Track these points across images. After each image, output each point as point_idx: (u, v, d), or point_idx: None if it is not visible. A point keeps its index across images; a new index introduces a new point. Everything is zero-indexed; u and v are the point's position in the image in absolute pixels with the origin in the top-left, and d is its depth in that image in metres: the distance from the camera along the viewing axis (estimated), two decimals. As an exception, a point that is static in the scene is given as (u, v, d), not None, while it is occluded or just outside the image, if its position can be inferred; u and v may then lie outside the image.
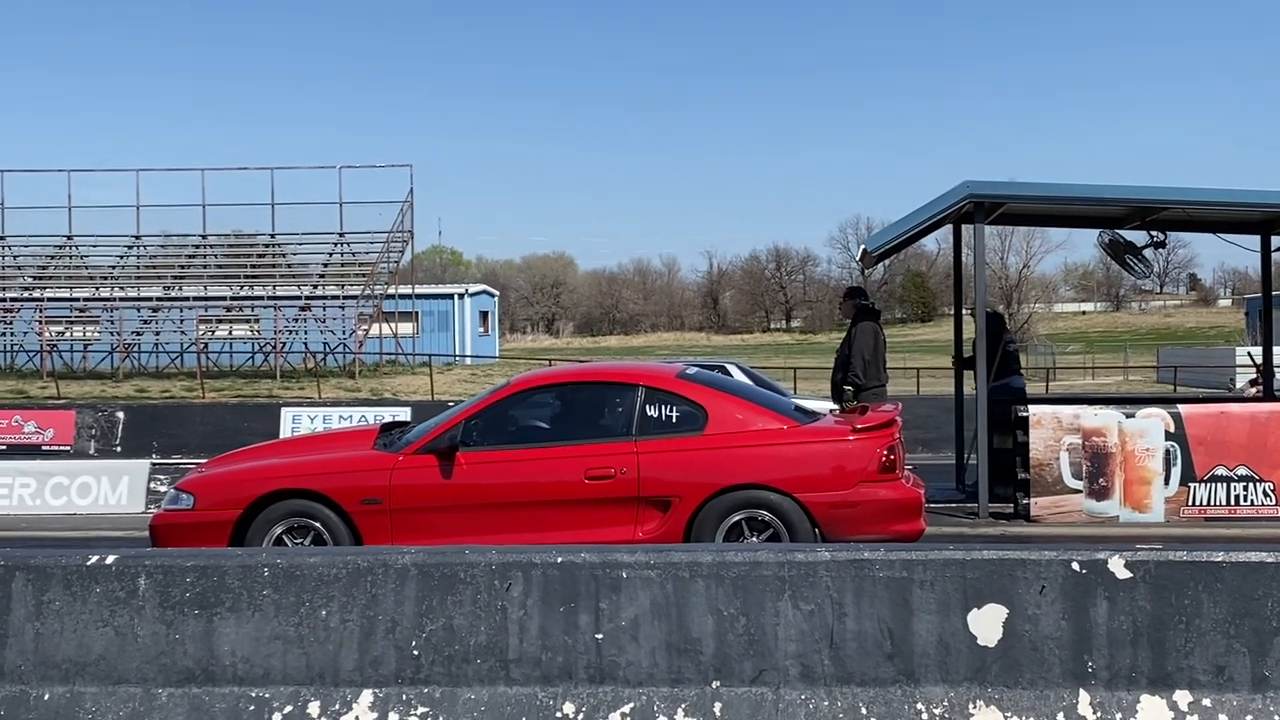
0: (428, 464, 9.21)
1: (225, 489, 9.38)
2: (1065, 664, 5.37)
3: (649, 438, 9.21)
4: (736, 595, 5.49)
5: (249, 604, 5.59)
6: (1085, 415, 12.13)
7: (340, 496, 9.13)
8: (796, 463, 9.12)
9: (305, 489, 9.19)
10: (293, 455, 10.00)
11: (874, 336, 13.29)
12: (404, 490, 9.14)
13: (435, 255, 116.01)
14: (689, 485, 9.03)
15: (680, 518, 8.99)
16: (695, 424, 9.28)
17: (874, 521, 9.03)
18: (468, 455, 9.22)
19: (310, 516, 9.13)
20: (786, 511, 8.95)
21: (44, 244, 48.31)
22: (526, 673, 5.51)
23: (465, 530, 8.90)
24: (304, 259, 48.80)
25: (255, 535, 9.11)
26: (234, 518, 9.11)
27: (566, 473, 9.10)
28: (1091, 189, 12.96)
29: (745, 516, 8.99)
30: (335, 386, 38.35)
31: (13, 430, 22.29)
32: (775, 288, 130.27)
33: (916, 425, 20.83)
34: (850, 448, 9.20)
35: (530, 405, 9.84)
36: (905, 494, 9.25)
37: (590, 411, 9.71)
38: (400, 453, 9.36)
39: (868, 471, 9.12)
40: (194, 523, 9.17)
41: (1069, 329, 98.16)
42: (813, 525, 8.95)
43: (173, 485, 9.88)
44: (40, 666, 5.63)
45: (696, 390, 9.52)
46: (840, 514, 8.98)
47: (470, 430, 9.35)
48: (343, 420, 21.20)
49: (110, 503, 15.94)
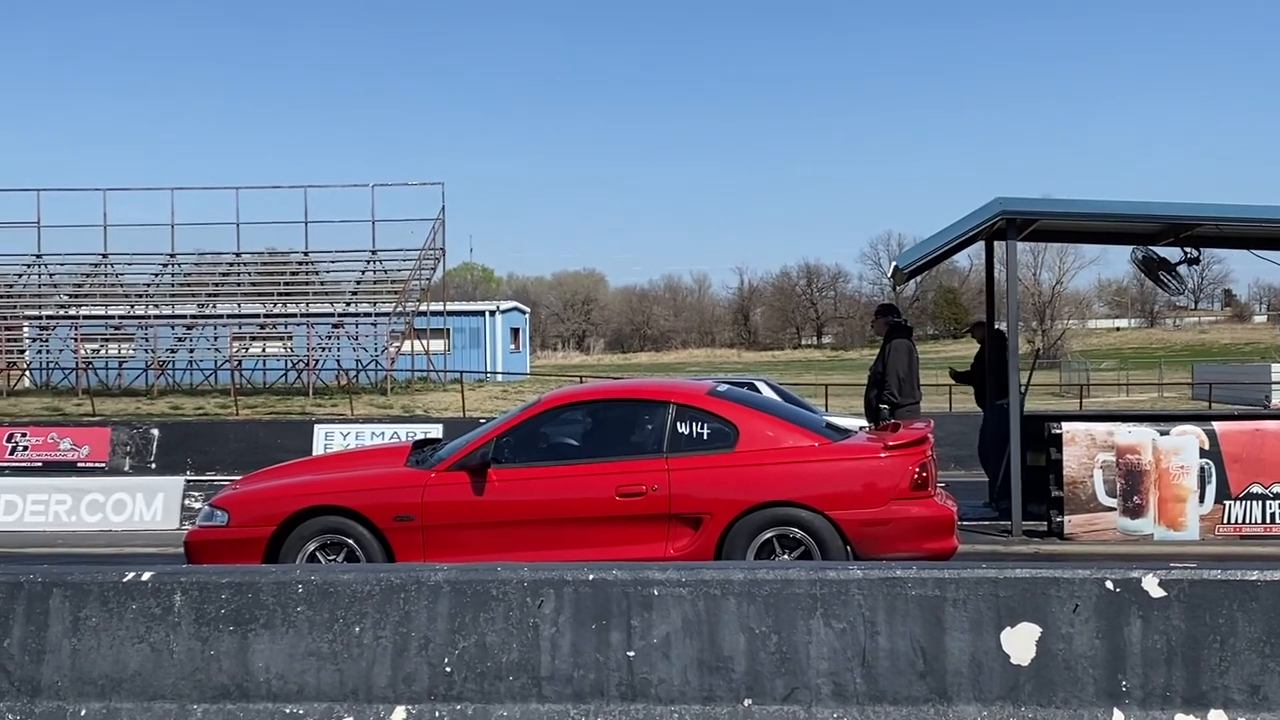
0: (460, 481, 9.24)
1: (259, 506, 9.44)
2: (1099, 683, 5.35)
3: (680, 455, 9.22)
4: (768, 613, 5.49)
5: (283, 620, 5.62)
6: (1119, 432, 12.06)
7: (373, 513, 9.17)
8: (828, 480, 9.10)
9: (339, 506, 9.24)
10: (326, 472, 10.05)
11: (908, 354, 13.26)
12: (436, 507, 9.17)
13: (467, 272, 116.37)
14: (720, 502, 9.02)
15: (711, 535, 8.99)
16: (726, 441, 9.28)
17: (906, 539, 9.00)
18: (499, 472, 9.25)
19: (344, 533, 9.18)
20: (818, 529, 8.93)
21: (80, 262, 48.66)
22: (559, 690, 5.52)
23: (497, 547, 8.94)
24: (337, 277, 49.04)
25: (289, 552, 9.16)
26: (268, 534, 9.17)
27: (598, 490, 9.11)
28: (1124, 205, 12.90)
29: (777, 534, 8.98)
30: (367, 403, 38.47)
31: (49, 447, 22.45)
32: (806, 304, 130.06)
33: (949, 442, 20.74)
34: (882, 465, 9.18)
35: (561, 422, 9.86)
36: (938, 511, 9.22)
37: (621, 429, 9.71)
38: (433, 470, 9.40)
39: (900, 489, 9.09)
40: (229, 539, 9.23)
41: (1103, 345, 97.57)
42: (845, 543, 8.92)
43: (207, 502, 9.94)
44: (77, 683, 5.68)
45: (727, 407, 9.52)
46: (872, 532, 8.96)
47: (502, 447, 9.38)
48: (375, 437, 21.26)
49: (145, 519, 16.04)
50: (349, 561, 9.05)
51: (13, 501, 16.49)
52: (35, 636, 5.70)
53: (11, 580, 5.77)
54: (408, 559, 8.99)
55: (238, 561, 8.71)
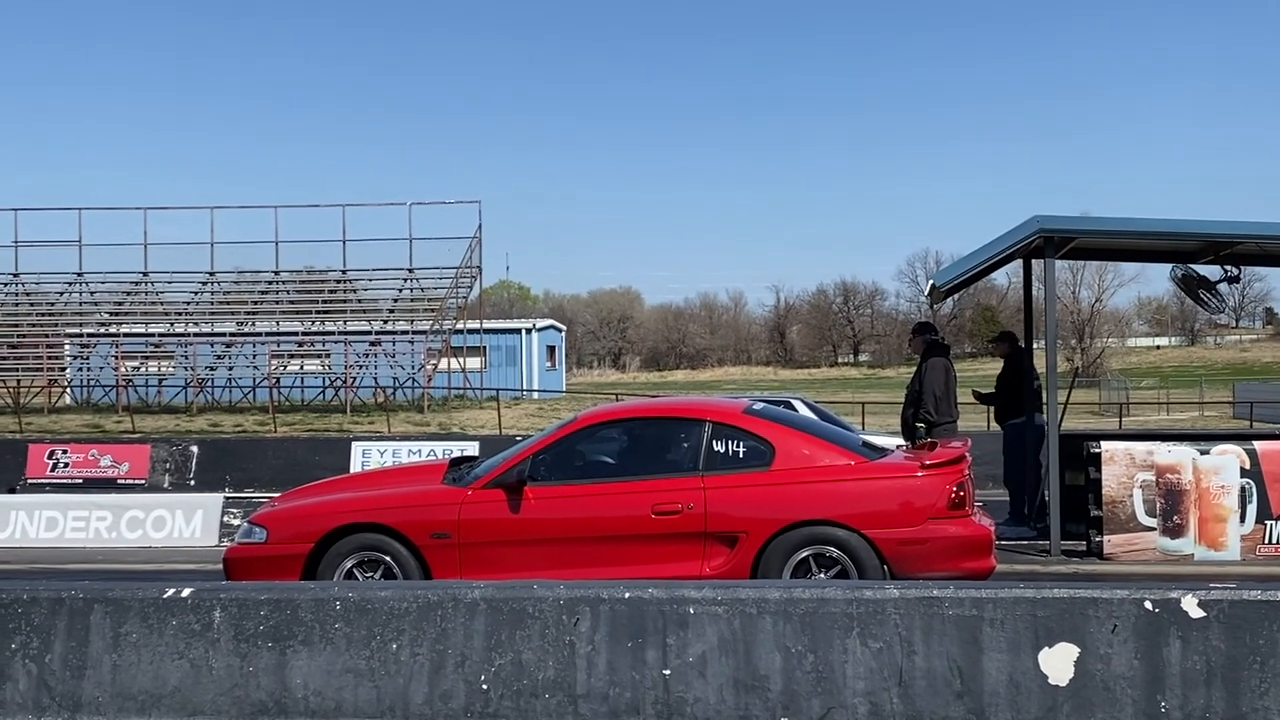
0: (496, 499, 9.26)
1: (297, 523, 9.49)
2: (1138, 704, 5.31)
3: (716, 473, 9.20)
4: (804, 632, 5.48)
5: (321, 637, 5.65)
6: (1159, 451, 11.98)
7: (410, 531, 9.20)
8: (864, 499, 9.07)
9: (376, 523, 9.27)
10: (363, 490, 10.09)
11: (945, 372, 13.22)
12: (472, 525, 9.20)
13: (503, 290, 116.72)
14: (756, 521, 9.01)
15: (747, 553, 8.97)
16: (762, 459, 9.26)
17: (943, 559, 8.95)
18: (536, 490, 9.27)
19: (381, 550, 9.21)
20: (854, 548, 8.90)
21: (120, 280, 49.04)
22: (594, 708, 5.52)
23: (533, 565, 8.93)
24: (374, 295, 49.26)
25: (327, 568, 9.20)
26: (306, 551, 9.22)
27: (634, 508, 9.11)
28: (1163, 223, 12.83)
29: (813, 553, 8.95)
30: (404, 421, 38.62)
31: (89, 464, 22.66)
32: (843, 322, 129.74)
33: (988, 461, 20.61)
34: (919, 484, 9.14)
35: (597, 440, 9.88)
36: (975, 531, 9.17)
37: (657, 447, 9.71)
38: (469, 487, 9.43)
39: (937, 508, 9.04)
40: (267, 556, 9.28)
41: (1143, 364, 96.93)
42: (881, 562, 8.88)
43: (247, 519, 10.02)
44: (117, 698, 5.72)
45: (763, 426, 9.51)
46: (909, 551, 8.92)
47: (538, 465, 9.40)
48: (412, 455, 21.36)
49: (184, 536, 16.17)
50: (386, 579, 9.08)
51: (54, 518, 16.66)
52: (76, 652, 5.75)
53: (53, 596, 5.83)
54: (445, 576, 9.01)
55: (276, 578, 8.76)
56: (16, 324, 47.68)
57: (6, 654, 5.77)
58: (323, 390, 45.93)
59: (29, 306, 49.27)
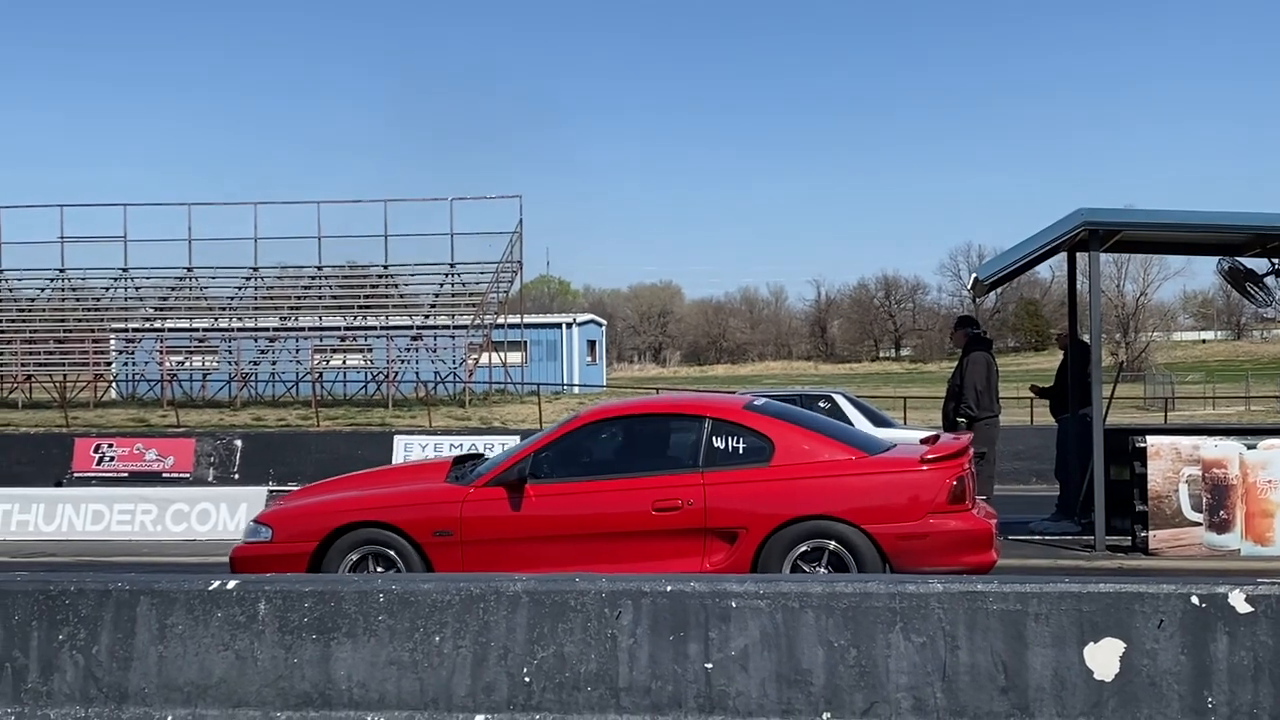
0: (497, 496, 9.30)
1: (302, 521, 9.56)
2: (1184, 699, 5.27)
3: (716, 469, 9.20)
4: (847, 626, 5.47)
5: (365, 629, 5.68)
6: (1205, 446, 11.87)
7: (413, 529, 9.26)
8: (864, 493, 9.04)
9: (379, 521, 9.34)
10: (368, 488, 10.15)
11: (986, 366, 13.15)
12: (474, 522, 9.24)
13: (544, 285, 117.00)
14: (756, 516, 9.00)
15: (747, 549, 8.97)
16: (762, 455, 9.25)
17: (943, 553, 8.91)
18: (537, 488, 9.30)
19: (385, 548, 9.28)
20: (854, 542, 8.87)
21: (165, 276, 49.48)
22: (636, 701, 5.53)
23: (534, 562, 8.93)
24: (416, 290, 49.45)
25: (330, 567, 9.26)
26: (310, 550, 9.28)
27: (634, 504, 9.12)
28: (1209, 216, 12.70)
29: (813, 547, 8.94)
30: (446, 415, 38.77)
31: (135, 458, 22.87)
32: (884, 316, 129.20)
33: (1031, 456, 20.59)
34: (919, 478, 9.10)
35: (598, 437, 9.92)
36: (975, 525, 9.10)
37: (657, 443, 9.77)
38: (471, 485, 9.47)
39: (937, 502, 8.99)
40: (273, 555, 9.33)
41: (1188, 358, 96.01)
42: (881, 557, 8.85)
43: (253, 519, 10.10)
44: (163, 689, 5.77)
45: (763, 421, 9.49)
46: (909, 545, 8.88)
47: (539, 463, 9.43)
48: (453, 449, 21.43)
49: (229, 529, 16.28)
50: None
51: (100, 511, 16.83)
52: (123, 644, 5.81)
53: (100, 588, 5.89)
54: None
55: None
56: (63, 319, 48.21)
57: (54, 645, 5.83)
58: (365, 385, 46.22)
59: (75, 302, 49.80)
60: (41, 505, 16.95)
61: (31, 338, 46.77)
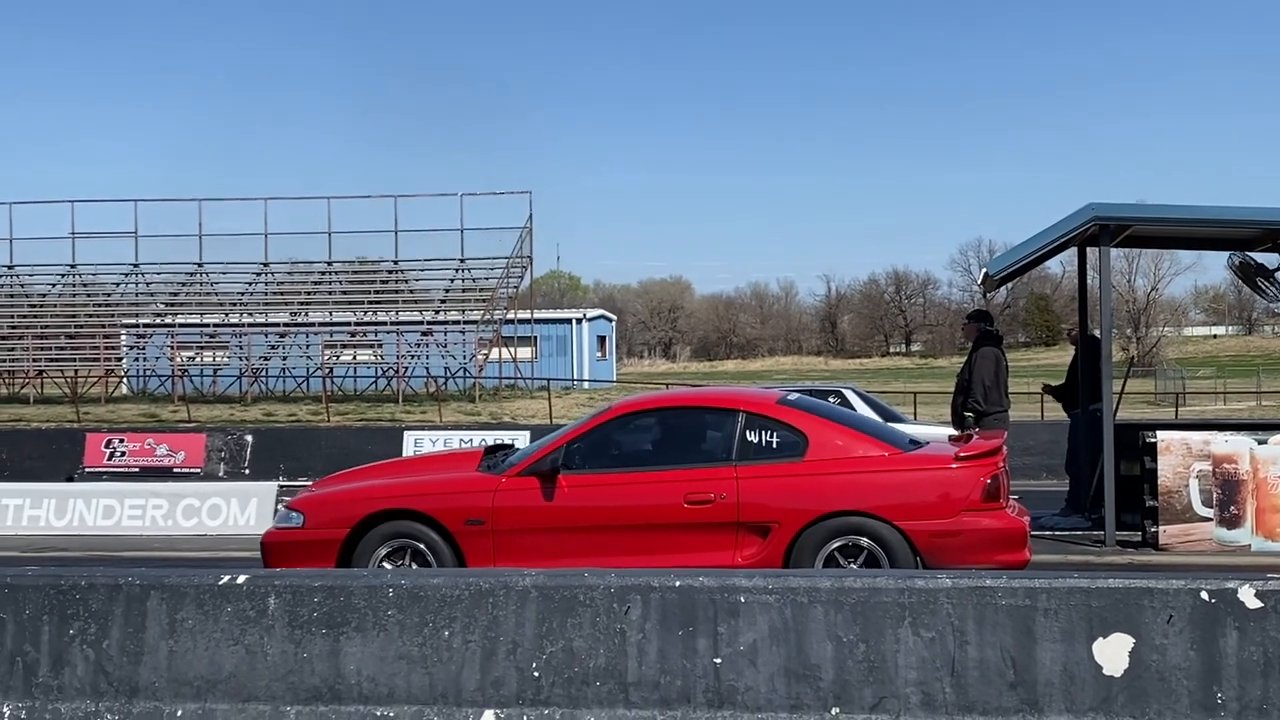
0: (530, 486, 9.29)
1: (333, 508, 9.57)
2: (1194, 695, 5.26)
3: (749, 463, 9.18)
4: (856, 621, 5.47)
5: (374, 624, 5.69)
6: (1215, 441, 11.85)
7: (444, 517, 9.25)
8: (898, 490, 9.03)
9: (411, 509, 9.34)
10: (399, 476, 10.17)
11: (995, 361, 13.13)
12: (506, 512, 9.24)
13: (554, 280, 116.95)
14: (789, 511, 8.99)
15: (780, 544, 8.95)
16: (795, 450, 9.23)
17: (977, 551, 8.87)
18: (569, 478, 9.29)
19: (415, 537, 9.28)
20: (887, 539, 8.85)
21: (175, 271, 49.60)
22: (645, 696, 5.53)
23: (566, 552, 8.94)
24: (426, 285, 49.55)
25: (362, 554, 9.27)
26: (342, 536, 9.29)
27: (666, 497, 9.12)
28: (1220, 211, 12.68)
29: (846, 543, 8.92)
30: (456, 410, 38.82)
31: (145, 453, 22.91)
32: (895, 311, 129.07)
33: (1040, 451, 20.54)
34: (953, 475, 9.08)
35: (631, 429, 9.90)
36: (1009, 523, 9.08)
37: (691, 436, 9.74)
38: (503, 475, 9.46)
39: (971, 500, 8.97)
40: (304, 541, 9.36)
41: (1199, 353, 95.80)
42: (914, 554, 8.83)
43: (284, 504, 10.12)
44: (173, 684, 5.78)
45: (797, 416, 9.48)
46: (942, 543, 8.86)
47: (572, 453, 9.43)
48: (463, 444, 21.45)
49: (239, 524, 16.32)
50: (420, 565, 9.16)
51: (111, 506, 16.87)
52: (133, 638, 5.82)
53: (111, 583, 5.90)
54: (478, 563, 9.07)
55: (312, 563, 8.85)
56: (74, 315, 48.37)
57: (65, 639, 5.85)
58: (375, 380, 46.30)
59: (86, 297, 49.95)
60: (53, 500, 17.00)
61: (43, 333, 46.94)
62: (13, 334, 47.51)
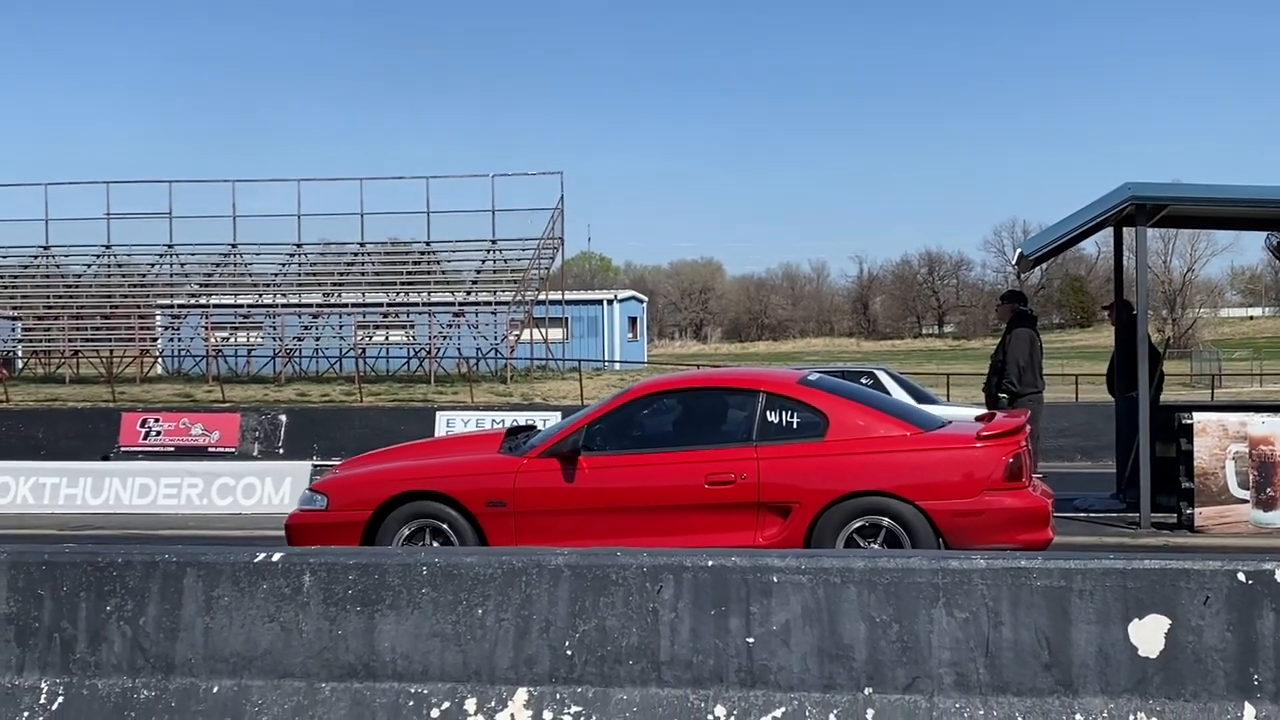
0: (551, 468, 9.32)
1: (357, 490, 9.62)
2: (1230, 676, 5.23)
3: (770, 443, 9.17)
4: (889, 602, 5.45)
5: (408, 602, 5.71)
6: (1252, 423, 11.76)
7: (466, 499, 9.29)
8: (919, 470, 9.01)
9: (433, 490, 9.38)
10: (422, 458, 10.20)
11: (1029, 343, 13.06)
12: (528, 493, 9.27)
13: (585, 261, 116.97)
14: (810, 491, 8.98)
15: (801, 524, 8.95)
16: (816, 430, 9.22)
17: (999, 530, 8.84)
18: (590, 459, 9.31)
19: (437, 518, 9.32)
20: (909, 519, 8.84)
21: (210, 252, 49.86)
22: (678, 675, 5.54)
23: (587, 533, 8.97)
24: (458, 266, 49.64)
25: (385, 535, 9.33)
26: (365, 518, 9.34)
27: (687, 477, 9.12)
28: (1257, 190, 12.56)
29: (867, 523, 8.91)
30: (487, 391, 38.93)
31: (181, 433, 23.10)
32: (927, 292, 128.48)
33: (1076, 433, 20.48)
34: (975, 455, 9.05)
35: (652, 410, 9.91)
36: (1031, 502, 9.04)
37: (711, 417, 9.73)
38: (525, 456, 9.49)
39: (993, 479, 8.93)
40: (327, 523, 9.41)
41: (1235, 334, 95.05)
42: (936, 534, 8.81)
43: (308, 486, 10.17)
44: (209, 660, 5.82)
45: (817, 396, 9.47)
46: (964, 522, 8.83)
47: (593, 435, 9.45)
48: (495, 424, 21.52)
49: (274, 503, 16.44)
50: (443, 545, 9.22)
51: (147, 485, 17.03)
52: (170, 615, 5.86)
53: (147, 560, 5.94)
54: (500, 544, 9.11)
55: (336, 544, 8.87)
56: (109, 295, 48.67)
57: (102, 616, 5.89)
58: (407, 361, 46.46)
59: (121, 278, 50.25)
60: (89, 479, 17.17)
61: (79, 314, 47.29)
62: (49, 314, 47.93)
